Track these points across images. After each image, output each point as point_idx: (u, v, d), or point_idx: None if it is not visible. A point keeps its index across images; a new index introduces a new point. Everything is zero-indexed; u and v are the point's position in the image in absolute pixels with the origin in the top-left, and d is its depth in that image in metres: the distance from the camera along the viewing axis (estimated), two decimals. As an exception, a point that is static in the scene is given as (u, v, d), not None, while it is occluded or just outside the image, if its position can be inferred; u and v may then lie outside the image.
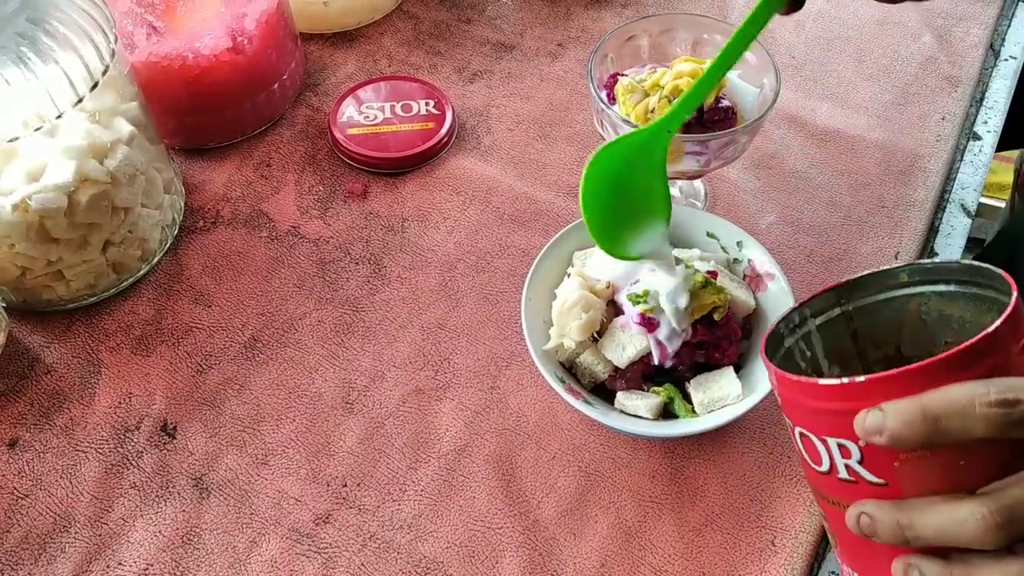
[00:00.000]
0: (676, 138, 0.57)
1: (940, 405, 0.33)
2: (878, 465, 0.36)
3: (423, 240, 0.70)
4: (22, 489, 0.58)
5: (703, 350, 0.57)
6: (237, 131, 0.76)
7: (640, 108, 0.60)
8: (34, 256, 0.60)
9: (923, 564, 0.35)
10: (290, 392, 0.62)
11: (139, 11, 0.65)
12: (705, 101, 0.59)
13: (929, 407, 0.33)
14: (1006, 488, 0.33)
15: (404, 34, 0.84)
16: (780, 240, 0.68)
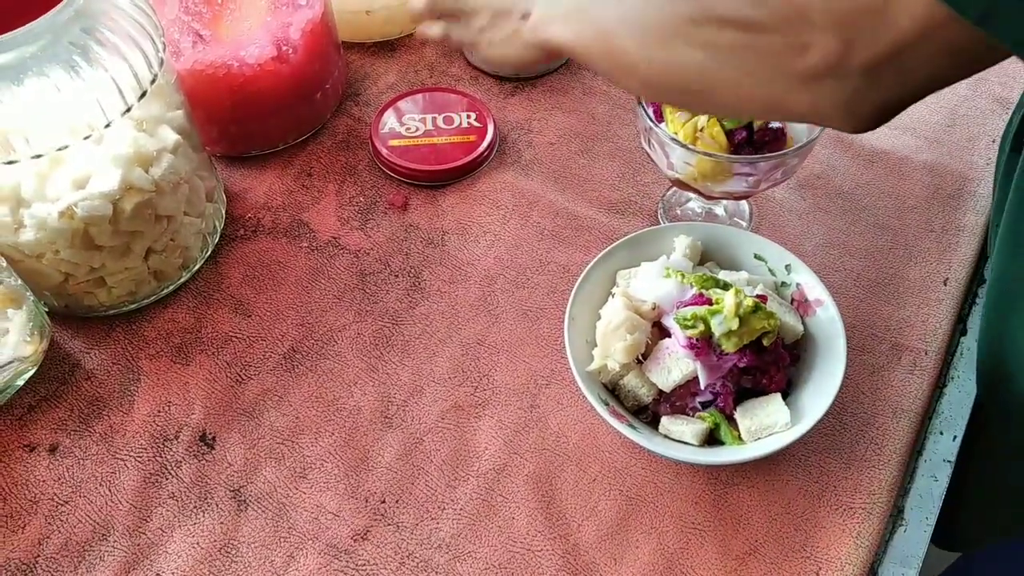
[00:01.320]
0: (725, 158, 0.56)
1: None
2: None
3: (463, 254, 0.69)
4: (62, 496, 0.58)
5: (751, 376, 0.56)
6: (279, 139, 0.75)
7: (689, 127, 0.59)
8: (77, 263, 0.60)
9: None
10: (329, 405, 0.62)
11: (186, 19, 0.65)
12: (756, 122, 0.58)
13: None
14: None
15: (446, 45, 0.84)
16: (826, 262, 0.67)
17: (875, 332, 0.64)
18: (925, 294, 0.66)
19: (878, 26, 0.37)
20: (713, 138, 0.58)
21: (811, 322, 0.59)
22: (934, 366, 0.62)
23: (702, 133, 0.58)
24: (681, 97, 0.49)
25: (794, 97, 0.42)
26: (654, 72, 0.46)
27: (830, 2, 0.38)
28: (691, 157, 0.58)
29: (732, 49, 0.42)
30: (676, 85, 0.46)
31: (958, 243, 0.68)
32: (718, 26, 0.42)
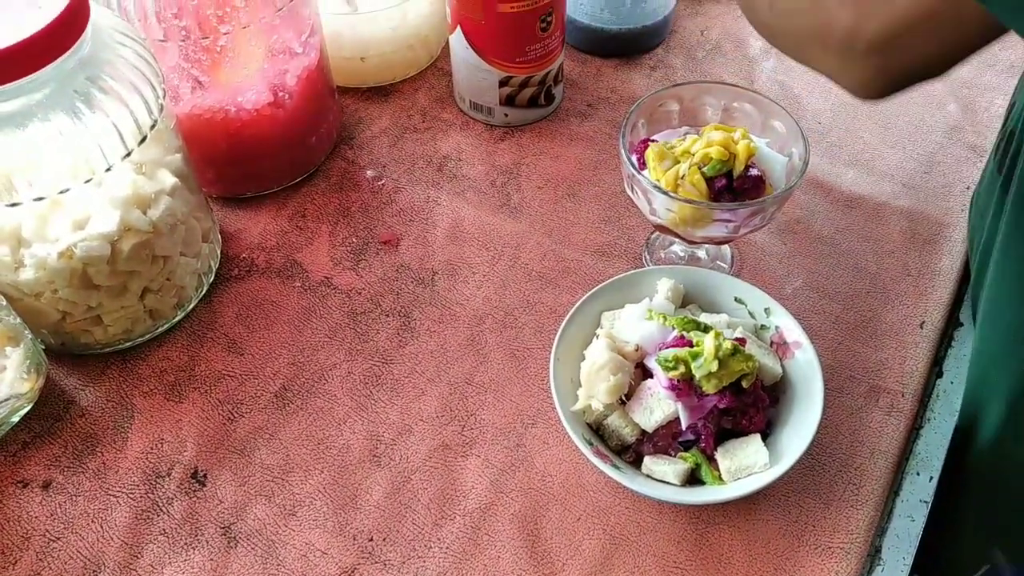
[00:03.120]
0: (706, 205, 0.58)
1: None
2: None
3: (452, 294, 0.71)
4: (54, 532, 0.58)
5: (731, 416, 0.57)
6: (274, 181, 0.77)
7: (671, 174, 0.61)
8: (75, 301, 0.61)
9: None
10: (319, 443, 0.63)
11: (186, 66, 0.67)
12: (736, 170, 0.60)
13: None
14: None
15: (438, 91, 0.86)
16: (806, 306, 0.69)
17: (853, 374, 0.65)
18: (902, 337, 0.67)
19: (884, 3, 0.41)
20: (694, 185, 0.60)
21: (790, 364, 0.61)
22: (911, 408, 0.64)
23: (683, 180, 0.60)
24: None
25: (824, 61, 0.46)
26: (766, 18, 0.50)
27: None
28: (672, 204, 0.60)
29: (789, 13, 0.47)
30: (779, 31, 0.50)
31: (934, 287, 0.70)
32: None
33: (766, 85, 0.86)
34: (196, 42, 0.65)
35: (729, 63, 0.89)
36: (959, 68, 0.85)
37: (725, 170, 0.60)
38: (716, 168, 0.60)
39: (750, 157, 0.60)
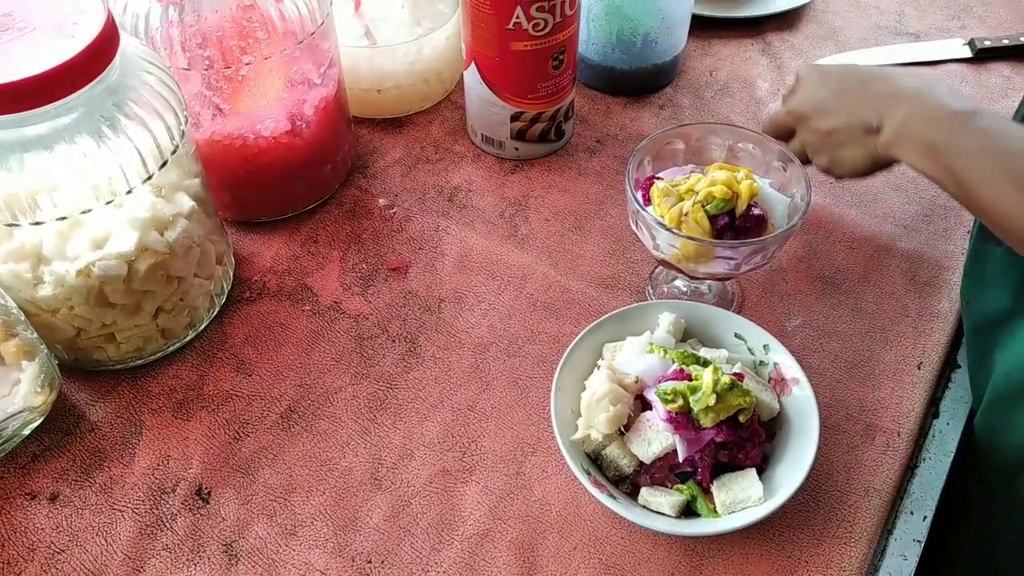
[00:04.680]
0: (707, 243, 0.60)
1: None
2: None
3: (458, 322, 0.72)
4: (59, 544, 0.60)
5: (727, 451, 0.58)
6: (288, 207, 0.79)
7: (675, 211, 0.62)
8: (90, 318, 0.63)
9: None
10: (321, 465, 0.64)
11: (208, 94, 0.69)
12: (738, 209, 0.62)
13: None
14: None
15: (451, 123, 0.88)
16: (805, 343, 0.70)
17: (850, 412, 0.66)
18: (899, 377, 0.68)
19: None
20: (697, 223, 0.61)
21: (787, 401, 0.62)
22: (906, 447, 0.64)
23: (687, 217, 0.62)
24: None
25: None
26: (1010, 215, 0.51)
27: None
28: (675, 240, 0.61)
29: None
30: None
31: (932, 329, 0.71)
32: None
33: (772, 126, 0.88)
34: (219, 71, 0.67)
35: (736, 103, 0.91)
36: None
37: (728, 208, 0.61)
38: (719, 206, 0.61)
39: (752, 197, 0.62)
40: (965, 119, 0.54)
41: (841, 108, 0.62)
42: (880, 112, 0.59)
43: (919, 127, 0.56)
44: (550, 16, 0.73)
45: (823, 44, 0.98)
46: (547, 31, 0.74)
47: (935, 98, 0.56)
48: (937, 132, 0.55)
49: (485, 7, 0.73)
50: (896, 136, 0.57)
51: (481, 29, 0.75)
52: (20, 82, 0.52)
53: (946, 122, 0.55)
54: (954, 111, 0.55)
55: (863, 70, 0.63)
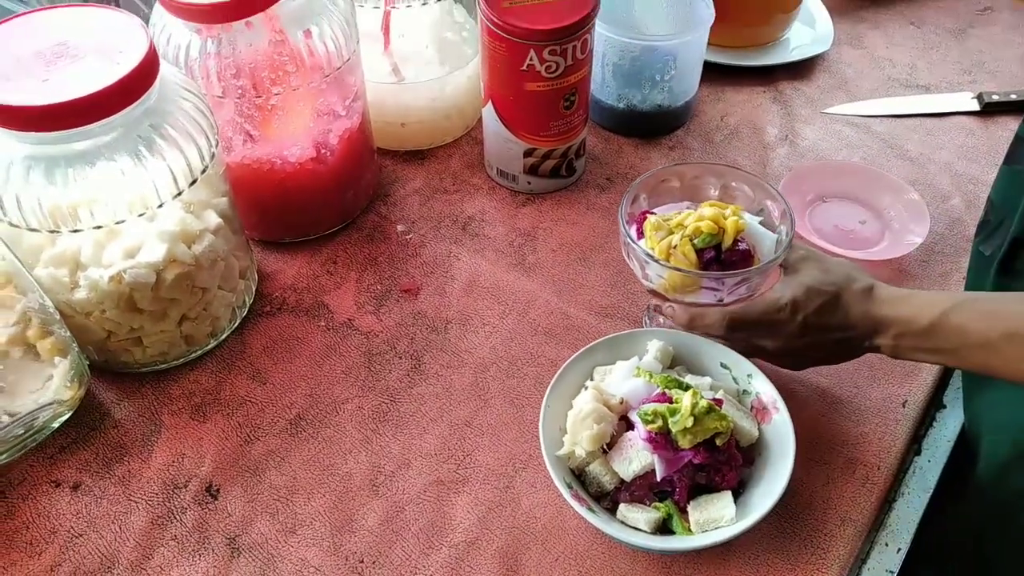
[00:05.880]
0: (691, 273, 0.63)
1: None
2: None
3: (462, 342, 0.76)
4: (77, 529, 0.64)
5: (705, 472, 0.61)
6: (311, 229, 0.84)
7: (664, 244, 0.66)
8: (120, 322, 0.68)
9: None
10: (324, 469, 0.68)
11: (240, 120, 0.75)
12: (724, 243, 0.65)
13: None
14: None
15: (470, 157, 0.93)
16: (794, 377, 0.73)
17: (833, 445, 0.68)
18: (884, 414, 0.70)
19: None
20: (685, 255, 0.65)
21: (767, 428, 0.64)
22: (885, 481, 0.66)
23: (675, 250, 0.65)
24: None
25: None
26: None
27: None
28: (663, 271, 0.65)
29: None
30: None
31: (920, 369, 0.73)
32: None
33: (778, 170, 0.91)
34: (250, 100, 0.73)
35: (745, 147, 0.94)
36: (969, 165, 0.90)
37: (714, 243, 0.65)
38: (706, 240, 0.65)
39: (738, 233, 0.65)
40: (944, 326, 0.57)
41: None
42: (868, 339, 0.62)
43: (910, 346, 0.59)
44: (562, 59, 0.78)
45: (834, 94, 1.01)
46: (559, 73, 0.79)
47: (908, 320, 0.59)
48: (929, 343, 0.58)
49: (501, 50, 0.78)
50: (895, 354, 0.61)
51: (497, 70, 0.81)
52: (68, 103, 0.58)
53: (930, 335, 0.58)
54: (926, 326, 0.58)
55: (834, 335, 0.63)
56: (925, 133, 0.96)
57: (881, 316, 0.60)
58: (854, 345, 0.62)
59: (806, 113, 0.98)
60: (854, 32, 1.09)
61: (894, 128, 0.96)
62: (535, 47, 0.77)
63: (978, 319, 0.55)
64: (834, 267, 0.64)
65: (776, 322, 0.63)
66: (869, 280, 0.63)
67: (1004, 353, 0.54)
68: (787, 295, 0.63)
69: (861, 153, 0.94)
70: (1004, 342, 0.53)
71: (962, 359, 0.57)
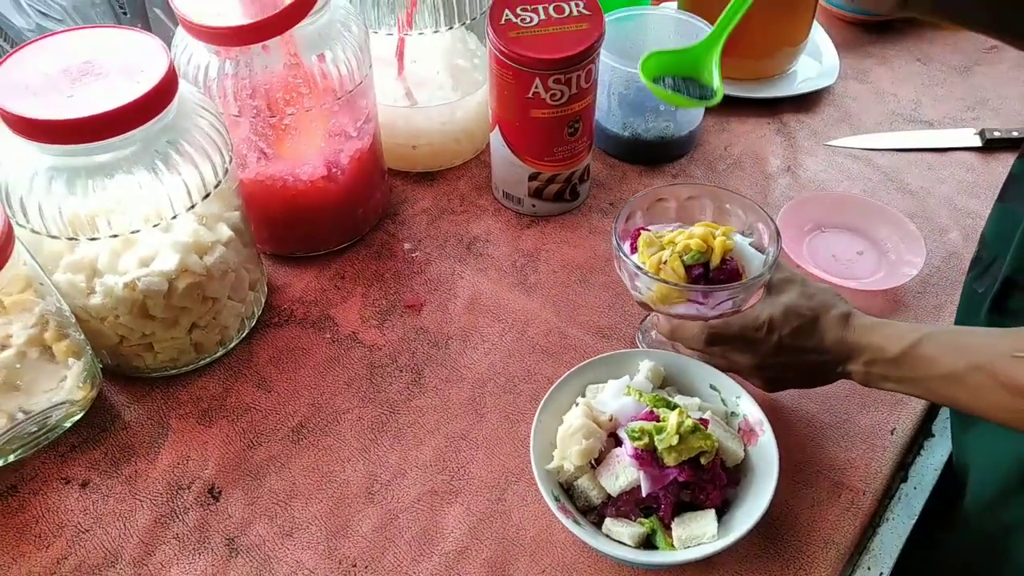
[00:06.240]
0: (677, 286, 0.65)
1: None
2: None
3: (462, 358, 0.78)
4: (84, 524, 0.67)
5: (689, 490, 0.63)
6: (321, 245, 0.87)
7: (654, 259, 0.68)
8: (132, 328, 0.71)
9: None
10: (323, 476, 0.70)
11: (255, 139, 0.78)
12: (712, 262, 0.67)
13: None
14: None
15: (478, 180, 0.96)
16: (785, 401, 0.74)
17: (820, 469, 0.70)
18: (872, 440, 0.71)
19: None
20: (674, 270, 0.66)
21: (753, 450, 0.66)
22: (870, 505, 0.67)
23: (665, 266, 0.67)
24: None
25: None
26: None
27: None
28: (652, 284, 0.67)
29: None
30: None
31: (909, 397, 0.74)
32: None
33: (779, 200, 0.93)
34: (265, 119, 0.76)
35: (747, 176, 0.96)
36: (969, 199, 0.92)
37: (703, 260, 0.66)
38: (695, 257, 0.66)
39: (726, 252, 0.67)
40: (912, 356, 0.59)
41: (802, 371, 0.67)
42: (840, 364, 0.63)
43: (880, 374, 0.61)
44: (566, 88, 0.81)
45: (838, 127, 1.03)
46: (563, 101, 0.82)
47: (879, 348, 0.60)
48: (897, 372, 0.60)
49: (508, 77, 0.81)
50: (866, 381, 0.62)
51: (504, 97, 0.83)
52: (91, 118, 0.61)
53: (899, 364, 0.59)
54: (896, 355, 0.59)
55: (808, 357, 0.65)
56: (926, 167, 0.97)
57: (854, 343, 0.61)
58: (827, 369, 0.64)
59: (809, 145, 1.00)
60: (860, 67, 1.11)
61: (896, 161, 0.98)
62: (540, 75, 0.79)
63: (946, 351, 0.57)
64: (816, 292, 0.66)
65: (753, 340, 0.65)
66: (848, 308, 0.64)
67: (969, 385, 0.55)
68: (765, 314, 0.64)
69: (862, 185, 0.95)
70: (969, 374, 0.54)
71: (929, 390, 0.58)
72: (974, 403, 0.55)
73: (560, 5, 0.81)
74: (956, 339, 0.57)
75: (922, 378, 0.58)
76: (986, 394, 0.54)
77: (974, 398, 0.55)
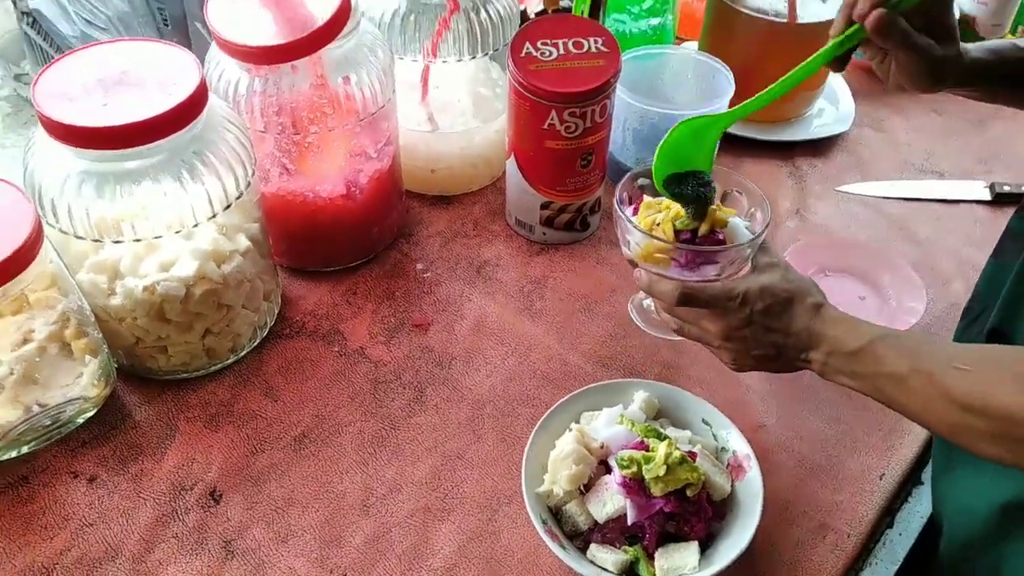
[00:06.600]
0: (661, 240, 0.68)
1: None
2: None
3: (464, 378, 0.80)
4: (89, 518, 0.69)
5: (675, 521, 0.64)
6: (336, 261, 0.90)
7: (649, 220, 0.70)
8: (148, 330, 0.74)
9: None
10: (321, 486, 0.72)
11: (278, 155, 0.81)
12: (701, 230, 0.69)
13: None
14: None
15: (493, 205, 0.99)
16: (777, 441, 0.75)
17: (807, 510, 0.71)
18: (861, 484, 0.72)
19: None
20: (664, 232, 0.69)
21: (740, 486, 0.67)
22: (854, 548, 0.68)
23: (658, 227, 0.69)
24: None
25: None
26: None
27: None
28: (642, 240, 0.69)
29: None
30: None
31: (901, 444, 0.75)
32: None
33: (786, 241, 0.94)
34: (289, 136, 0.79)
35: (756, 218, 0.98)
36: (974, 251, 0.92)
37: (693, 227, 0.69)
38: (685, 224, 0.69)
39: (717, 223, 0.69)
40: (866, 352, 0.60)
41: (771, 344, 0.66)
42: (804, 349, 0.64)
43: (836, 366, 0.62)
44: (581, 121, 0.83)
45: (849, 173, 1.04)
46: (577, 134, 0.84)
47: (839, 340, 0.62)
48: (850, 366, 0.61)
49: (525, 108, 0.84)
50: (831, 366, 0.63)
51: (521, 126, 0.86)
52: (122, 126, 0.64)
53: (853, 359, 0.61)
54: (853, 349, 0.60)
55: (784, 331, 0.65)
56: (935, 218, 0.99)
57: (819, 332, 0.63)
58: (790, 355, 0.65)
59: (820, 189, 1.02)
60: (876, 115, 1.13)
61: (905, 210, 1.00)
62: (556, 108, 0.82)
63: (897, 353, 0.58)
64: (796, 279, 0.67)
65: (724, 308, 0.65)
66: (822, 299, 0.65)
67: (910, 388, 0.56)
68: (742, 286, 0.65)
69: (870, 232, 0.97)
70: (912, 377, 0.56)
71: (875, 388, 0.59)
72: (912, 406, 0.57)
73: (579, 41, 0.84)
74: (910, 344, 0.59)
75: (871, 375, 0.59)
76: (924, 399, 0.55)
77: (913, 401, 0.56)
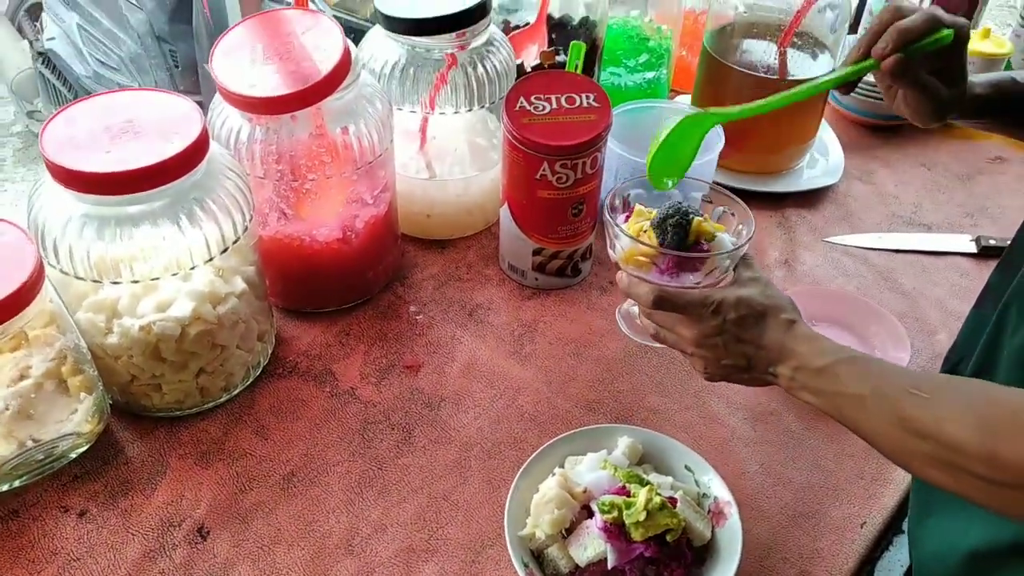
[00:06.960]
0: (644, 244, 0.71)
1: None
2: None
3: (452, 420, 0.82)
4: (77, 553, 0.70)
5: (654, 566, 0.65)
6: (330, 303, 0.92)
7: (637, 227, 0.73)
8: (144, 368, 0.76)
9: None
10: (307, 525, 0.73)
11: (277, 200, 0.83)
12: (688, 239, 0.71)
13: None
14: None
15: (487, 251, 1.01)
16: (759, 487, 0.76)
17: (787, 557, 0.71)
18: (841, 533, 0.73)
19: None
20: (650, 238, 0.71)
21: (721, 532, 0.68)
22: (833, 597, 0.69)
23: (644, 234, 0.72)
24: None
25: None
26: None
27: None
28: (627, 243, 0.71)
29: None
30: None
31: (883, 493, 0.76)
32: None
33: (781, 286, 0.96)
34: (288, 183, 0.82)
35: (745, 267, 1.00)
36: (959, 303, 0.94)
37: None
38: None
39: (702, 234, 0.71)
40: (831, 370, 0.61)
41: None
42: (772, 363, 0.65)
43: (801, 382, 0.63)
44: (572, 172, 0.85)
45: (838, 224, 1.06)
46: (569, 184, 0.86)
47: (807, 357, 0.63)
48: (815, 383, 0.62)
49: (519, 159, 0.86)
50: (789, 387, 0.64)
51: (515, 176, 0.88)
52: (124, 172, 0.67)
53: (818, 376, 0.62)
54: (819, 367, 0.62)
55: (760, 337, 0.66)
56: (921, 269, 1.00)
57: (789, 347, 0.64)
58: (759, 368, 0.66)
59: (808, 240, 1.04)
60: (866, 168, 1.16)
61: (891, 262, 1.01)
62: (548, 160, 0.84)
63: (859, 374, 0.59)
64: (774, 294, 0.68)
65: (698, 315, 0.67)
66: (796, 316, 0.66)
67: (868, 410, 0.57)
68: (718, 295, 0.67)
69: (856, 282, 0.98)
70: (870, 399, 0.57)
71: (836, 407, 0.60)
72: (868, 427, 0.58)
73: (572, 96, 0.87)
74: (873, 367, 0.60)
75: (833, 393, 0.60)
76: (879, 422, 0.56)
77: (869, 422, 0.57)
